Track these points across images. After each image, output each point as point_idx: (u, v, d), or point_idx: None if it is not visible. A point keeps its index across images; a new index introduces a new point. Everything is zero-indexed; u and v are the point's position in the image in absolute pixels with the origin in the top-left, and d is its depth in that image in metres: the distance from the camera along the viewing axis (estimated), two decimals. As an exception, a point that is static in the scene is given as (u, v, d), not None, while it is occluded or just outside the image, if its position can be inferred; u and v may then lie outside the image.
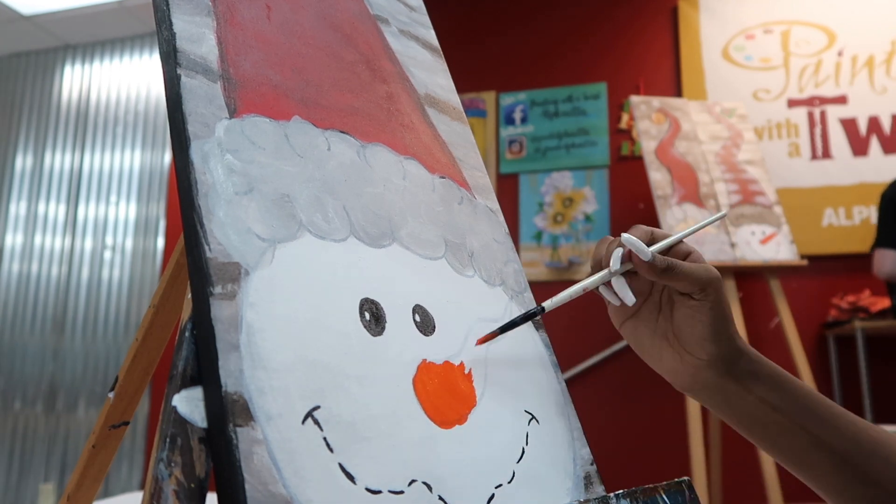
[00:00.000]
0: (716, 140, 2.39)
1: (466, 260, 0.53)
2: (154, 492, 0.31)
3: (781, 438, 0.49)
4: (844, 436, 0.48)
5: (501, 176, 2.97)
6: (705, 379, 0.49)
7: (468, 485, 0.40)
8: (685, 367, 0.50)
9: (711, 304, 0.48)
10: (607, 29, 2.97)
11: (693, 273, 0.47)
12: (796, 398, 0.49)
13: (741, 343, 0.50)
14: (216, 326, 0.34)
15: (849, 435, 0.48)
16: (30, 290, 3.55)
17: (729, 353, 0.49)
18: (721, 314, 0.48)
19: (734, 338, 0.49)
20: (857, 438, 0.48)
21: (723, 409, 0.51)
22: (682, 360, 0.50)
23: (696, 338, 0.49)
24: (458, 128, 0.63)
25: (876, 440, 0.48)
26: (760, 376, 0.49)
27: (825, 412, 0.49)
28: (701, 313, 0.48)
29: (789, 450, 0.49)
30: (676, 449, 2.36)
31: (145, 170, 3.53)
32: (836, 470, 0.48)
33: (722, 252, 2.11)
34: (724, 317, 0.48)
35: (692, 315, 0.49)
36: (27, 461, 3.38)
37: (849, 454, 0.47)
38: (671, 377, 0.52)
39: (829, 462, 0.48)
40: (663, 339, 0.51)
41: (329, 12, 0.57)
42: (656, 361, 0.52)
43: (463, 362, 0.46)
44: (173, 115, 0.40)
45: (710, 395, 0.50)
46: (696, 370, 0.49)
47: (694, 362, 0.49)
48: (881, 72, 2.66)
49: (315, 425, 0.35)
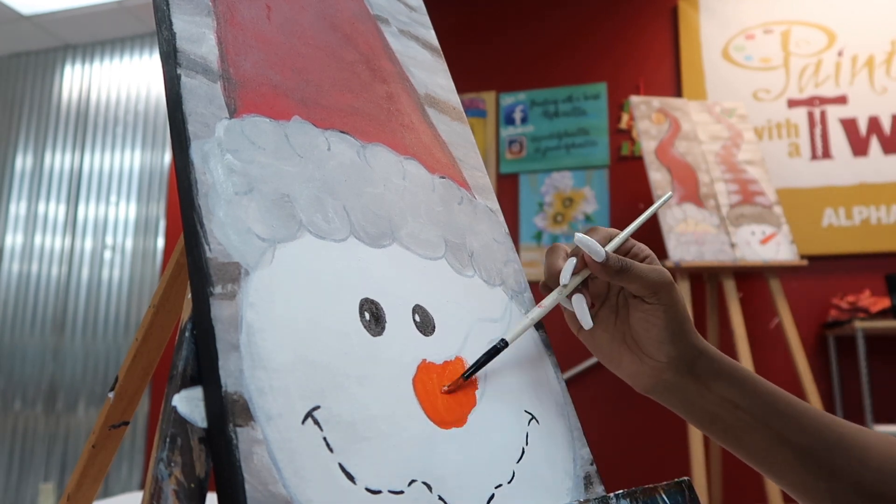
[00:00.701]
0: (716, 140, 2.39)
1: (466, 260, 0.53)
2: (154, 492, 0.31)
3: (744, 435, 0.49)
4: (807, 431, 0.48)
5: (501, 176, 2.97)
6: (666, 380, 0.50)
7: (468, 485, 0.40)
8: (645, 369, 0.50)
9: (665, 307, 0.48)
10: (607, 29, 2.97)
11: (646, 275, 0.47)
12: (757, 395, 0.49)
13: (700, 342, 0.50)
14: (216, 326, 0.34)
15: (811, 430, 0.48)
16: (30, 290, 3.55)
17: (688, 353, 0.49)
18: (675, 316, 0.48)
19: (692, 338, 0.49)
20: (821, 433, 0.48)
21: (685, 409, 0.51)
22: (642, 363, 0.50)
23: (652, 340, 0.49)
24: (458, 128, 0.63)
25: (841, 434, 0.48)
26: (721, 375, 0.49)
27: (787, 408, 0.49)
28: (655, 316, 0.48)
29: (752, 447, 0.49)
30: (676, 449, 2.36)
31: (145, 170, 3.53)
32: (799, 465, 0.48)
33: (722, 252, 2.11)
34: (679, 318, 0.48)
35: (647, 318, 0.49)
36: (27, 461, 3.38)
37: (811, 449, 0.47)
38: (632, 380, 0.52)
39: (791, 458, 0.48)
40: (622, 342, 0.51)
41: (329, 12, 0.57)
42: (616, 365, 0.52)
43: (463, 362, 0.46)
44: (173, 115, 0.40)
45: (672, 396, 0.50)
46: (655, 372, 0.50)
47: (653, 364, 0.49)
48: (881, 72, 2.66)
49: (315, 425, 0.35)
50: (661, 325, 0.48)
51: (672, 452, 2.42)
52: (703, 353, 0.49)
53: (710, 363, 0.49)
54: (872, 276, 2.46)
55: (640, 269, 0.48)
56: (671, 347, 0.48)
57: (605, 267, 0.47)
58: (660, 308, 0.48)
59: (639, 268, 0.48)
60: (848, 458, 0.47)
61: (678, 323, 0.48)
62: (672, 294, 0.48)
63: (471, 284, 0.52)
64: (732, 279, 2.12)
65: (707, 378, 0.49)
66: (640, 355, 0.50)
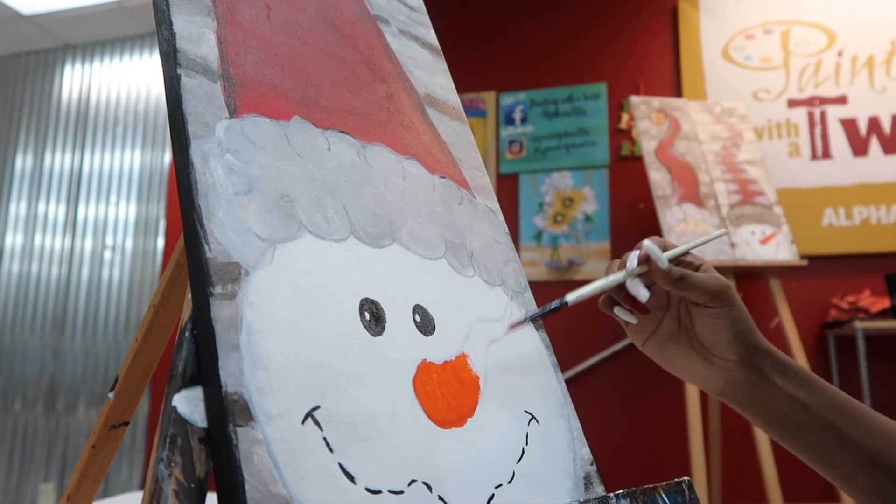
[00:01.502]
0: (716, 140, 2.39)
1: (466, 260, 0.53)
2: (154, 492, 0.31)
3: (812, 437, 0.50)
4: (874, 434, 0.48)
5: (501, 176, 2.97)
6: (738, 379, 0.51)
7: (468, 485, 0.40)
8: (717, 370, 0.52)
9: (728, 309, 0.50)
10: (607, 29, 2.97)
11: (704, 283, 0.50)
12: (824, 396, 0.50)
13: (764, 342, 0.51)
14: (216, 326, 0.34)
15: (879, 434, 0.48)
16: (30, 290, 3.55)
17: (756, 351, 0.51)
18: (739, 316, 0.50)
19: (757, 337, 0.51)
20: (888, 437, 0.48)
21: (755, 409, 0.52)
22: (714, 365, 0.52)
23: (721, 342, 0.51)
24: (458, 128, 0.63)
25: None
26: (789, 373, 0.51)
27: (854, 410, 0.49)
28: (721, 319, 0.50)
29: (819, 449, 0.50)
30: (676, 449, 2.36)
31: (145, 170, 3.53)
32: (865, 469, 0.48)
33: (722, 252, 2.11)
34: (744, 318, 0.50)
35: (712, 322, 0.51)
36: (27, 461, 3.38)
37: (879, 453, 0.48)
38: (704, 384, 0.53)
39: (858, 461, 0.48)
40: (690, 349, 0.53)
41: (329, 12, 0.57)
42: (688, 372, 0.54)
43: (463, 362, 0.46)
44: (173, 115, 0.40)
45: (745, 395, 0.52)
46: (727, 372, 0.51)
47: (725, 364, 0.51)
48: (881, 72, 2.66)
49: (315, 425, 0.35)
50: (727, 326, 0.50)
51: (672, 452, 2.42)
52: (770, 352, 0.51)
53: (778, 362, 0.51)
54: (872, 276, 2.46)
55: (698, 278, 0.50)
56: (740, 346, 0.50)
57: (667, 275, 0.49)
58: (724, 311, 0.50)
59: (696, 276, 0.50)
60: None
61: (743, 322, 0.50)
62: (731, 296, 0.50)
63: (471, 284, 0.52)
64: (732, 279, 2.12)
65: (776, 377, 0.50)
66: (710, 358, 0.52)
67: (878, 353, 2.37)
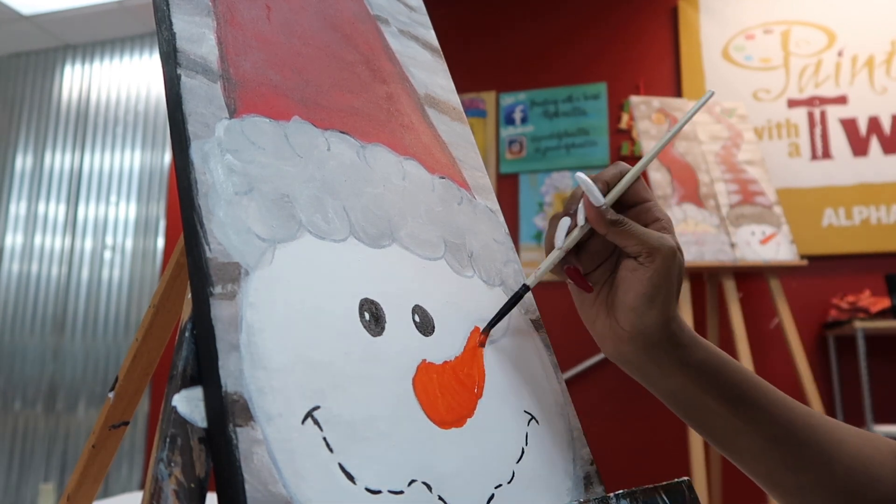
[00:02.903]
0: (716, 140, 2.39)
1: (466, 260, 0.53)
2: (154, 492, 0.31)
3: (709, 420, 0.48)
4: (778, 421, 0.46)
5: (501, 176, 2.97)
6: (626, 352, 0.47)
7: (468, 485, 0.40)
8: (610, 334, 0.47)
9: (653, 272, 0.44)
10: (607, 29, 2.97)
11: (642, 234, 0.44)
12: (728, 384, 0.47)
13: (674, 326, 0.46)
14: (216, 326, 0.34)
15: (783, 421, 0.47)
16: (30, 290, 3.55)
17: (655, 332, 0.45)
18: (657, 285, 0.44)
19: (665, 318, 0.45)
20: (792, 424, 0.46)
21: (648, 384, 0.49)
22: (610, 328, 0.47)
23: (624, 306, 0.45)
24: (458, 128, 0.63)
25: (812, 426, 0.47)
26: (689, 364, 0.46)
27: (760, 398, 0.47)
28: (637, 279, 0.44)
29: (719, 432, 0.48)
30: (676, 449, 2.36)
31: (145, 170, 3.53)
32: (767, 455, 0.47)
33: (722, 252, 2.11)
34: (660, 290, 0.44)
35: (629, 279, 0.45)
36: (27, 461, 3.38)
37: (780, 440, 0.46)
38: (599, 342, 0.49)
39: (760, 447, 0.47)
40: (602, 302, 0.48)
41: (329, 12, 0.57)
42: (590, 323, 0.50)
43: (462, 362, 0.46)
44: (173, 115, 0.40)
45: (632, 369, 0.49)
46: (617, 341, 0.47)
47: (618, 332, 0.46)
48: (881, 72, 2.66)
49: (315, 425, 0.35)
50: (639, 289, 0.44)
51: (672, 452, 2.42)
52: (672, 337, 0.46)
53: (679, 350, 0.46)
54: (872, 276, 2.46)
55: (638, 228, 0.44)
56: (638, 320, 0.45)
57: (600, 215, 0.44)
58: (647, 271, 0.44)
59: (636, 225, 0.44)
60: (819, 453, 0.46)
61: (657, 294, 0.44)
62: (668, 261, 0.44)
63: (470, 285, 0.52)
64: (732, 279, 2.12)
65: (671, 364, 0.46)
66: (611, 320, 0.47)
67: (878, 353, 2.37)
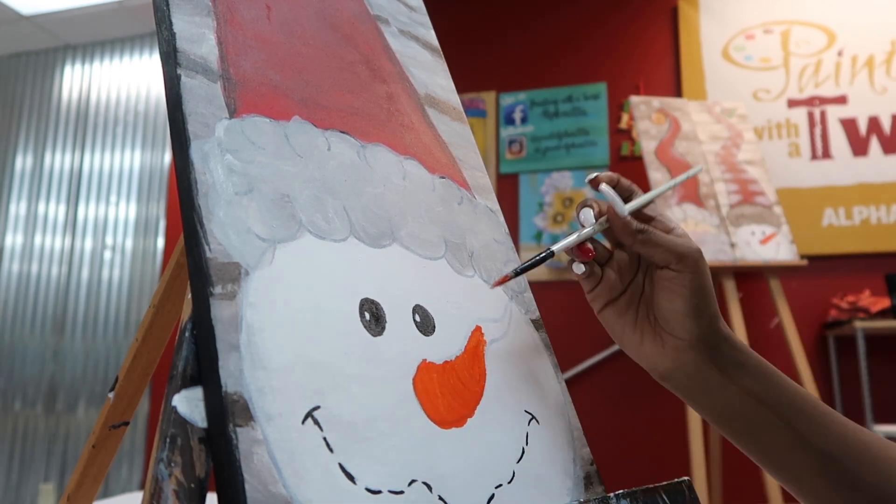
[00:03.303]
0: (716, 140, 2.39)
1: (466, 260, 0.53)
2: (154, 492, 0.31)
3: (764, 434, 0.46)
4: (832, 437, 0.45)
5: (501, 176, 2.97)
6: (686, 362, 0.47)
7: (468, 485, 0.40)
8: (666, 350, 0.47)
9: (690, 275, 0.45)
10: (607, 29, 2.97)
11: (668, 242, 0.45)
12: (783, 393, 0.46)
13: (724, 328, 0.47)
14: (216, 326, 0.34)
15: (837, 436, 0.45)
16: (30, 290, 3.55)
17: (711, 335, 0.46)
18: (700, 287, 0.46)
19: (716, 319, 0.47)
20: (846, 440, 0.45)
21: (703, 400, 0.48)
22: (664, 343, 0.47)
23: (676, 314, 0.46)
24: (458, 128, 0.63)
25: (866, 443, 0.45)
26: (746, 366, 0.46)
27: (813, 410, 0.46)
28: (679, 286, 0.46)
29: (771, 447, 0.46)
30: (676, 449, 2.36)
31: (145, 170, 3.53)
32: (819, 472, 0.45)
33: (722, 252, 2.11)
34: (704, 291, 0.46)
35: (670, 288, 0.46)
36: (27, 461, 3.38)
37: (834, 456, 0.44)
38: (651, 363, 0.49)
39: (812, 463, 0.45)
40: (645, 321, 0.49)
41: (329, 12, 0.57)
42: (636, 347, 0.49)
43: (462, 362, 0.46)
44: (173, 115, 0.40)
45: (691, 383, 0.47)
46: (677, 353, 0.47)
47: (675, 344, 0.47)
48: (881, 72, 2.66)
49: (315, 425, 0.35)
50: (685, 294, 0.45)
51: (672, 452, 2.42)
52: (728, 339, 0.47)
53: (734, 352, 0.47)
54: (872, 276, 2.46)
55: (663, 235, 0.46)
56: (694, 324, 0.46)
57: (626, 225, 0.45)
58: (685, 276, 0.45)
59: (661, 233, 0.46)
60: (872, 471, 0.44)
61: (703, 296, 0.46)
62: (699, 263, 0.46)
63: (471, 284, 0.52)
64: (732, 279, 2.11)
65: (730, 367, 0.46)
66: (662, 335, 0.47)
67: (878, 353, 2.37)
